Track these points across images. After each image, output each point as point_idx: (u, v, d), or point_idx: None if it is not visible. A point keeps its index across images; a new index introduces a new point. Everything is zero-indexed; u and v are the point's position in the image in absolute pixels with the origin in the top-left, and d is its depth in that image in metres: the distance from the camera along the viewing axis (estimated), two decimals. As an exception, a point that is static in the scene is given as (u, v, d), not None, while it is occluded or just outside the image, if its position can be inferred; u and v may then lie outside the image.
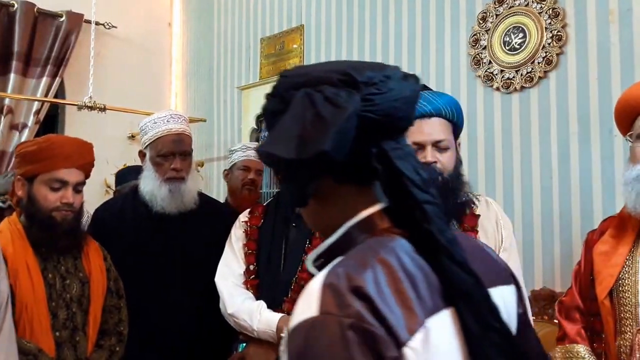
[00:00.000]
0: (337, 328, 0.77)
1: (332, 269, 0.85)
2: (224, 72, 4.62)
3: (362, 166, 0.91)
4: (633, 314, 1.77)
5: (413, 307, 0.82)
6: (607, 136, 2.63)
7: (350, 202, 0.94)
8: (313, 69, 0.96)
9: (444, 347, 0.84)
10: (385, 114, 0.90)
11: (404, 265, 0.85)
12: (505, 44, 2.97)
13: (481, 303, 0.87)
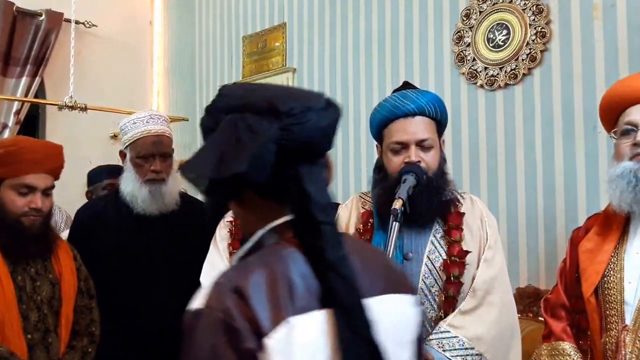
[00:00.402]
0: (211, 320, 0.94)
1: (227, 270, 1.02)
2: (206, 70, 4.58)
3: (279, 185, 1.04)
4: (618, 311, 1.76)
5: (282, 306, 0.95)
6: (592, 133, 2.63)
7: (266, 213, 1.08)
8: (245, 93, 1.09)
9: (309, 341, 0.96)
10: (303, 143, 1.02)
11: (288, 271, 0.99)
12: (489, 41, 2.96)
13: (355, 312, 0.99)
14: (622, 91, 1.91)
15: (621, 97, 1.91)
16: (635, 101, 1.85)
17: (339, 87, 3.62)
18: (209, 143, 1.05)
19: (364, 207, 2.06)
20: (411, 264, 1.89)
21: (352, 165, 3.54)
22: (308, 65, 3.81)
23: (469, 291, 1.86)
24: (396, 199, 1.71)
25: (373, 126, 2.05)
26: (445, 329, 1.80)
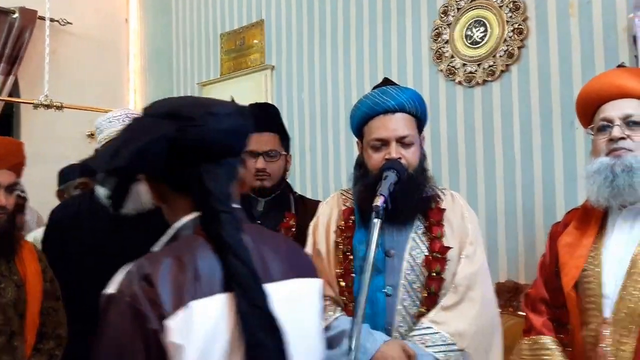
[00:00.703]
0: (120, 303, 1.06)
1: (140, 260, 1.13)
2: (183, 68, 4.55)
3: (186, 181, 1.18)
4: (598, 305, 1.78)
5: (184, 291, 1.07)
6: (569, 129, 2.66)
7: (180, 207, 1.21)
8: (162, 102, 1.25)
9: (209, 322, 1.08)
10: (201, 143, 1.16)
11: (194, 260, 1.11)
12: (467, 37, 2.98)
13: (254, 290, 1.11)
14: (597, 88, 1.94)
15: (596, 94, 1.93)
16: (610, 97, 1.88)
17: (318, 84, 3.62)
18: (111, 141, 1.20)
19: (345, 204, 2.05)
20: (393, 260, 1.89)
21: (331, 162, 3.53)
22: (287, 62, 3.80)
23: (450, 287, 1.86)
24: (377, 196, 1.70)
25: (353, 123, 2.05)
26: (427, 325, 1.80)
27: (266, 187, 2.41)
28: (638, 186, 1.78)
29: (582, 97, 2.01)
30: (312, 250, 2.03)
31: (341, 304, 1.92)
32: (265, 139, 2.41)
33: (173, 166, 1.17)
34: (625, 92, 1.87)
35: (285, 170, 2.49)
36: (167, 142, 1.13)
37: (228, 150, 1.21)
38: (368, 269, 1.54)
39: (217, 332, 1.09)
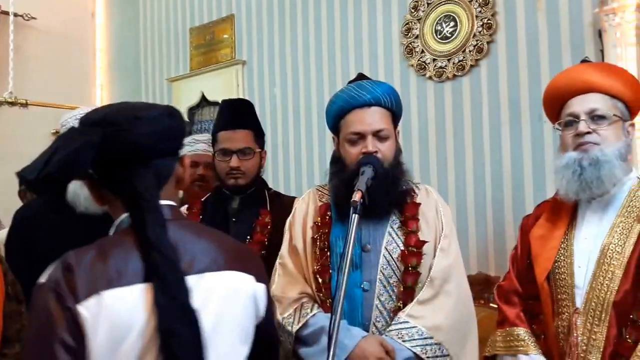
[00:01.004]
0: (45, 288, 1.18)
1: (70, 252, 1.23)
2: (151, 63, 4.49)
3: (116, 183, 1.29)
4: (570, 295, 1.82)
5: (98, 280, 1.18)
6: (537, 122, 2.71)
7: (118, 207, 1.31)
8: (95, 111, 1.35)
9: (123, 310, 1.17)
10: (125, 146, 1.24)
11: (117, 253, 1.22)
12: (437, 32, 3.01)
13: (172, 282, 1.20)
14: (562, 84, 1.98)
15: (562, 89, 1.97)
16: (575, 93, 1.92)
17: (290, 79, 3.61)
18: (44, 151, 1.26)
19: (322, 199, 2.06)
20: (369, 255, 1.91)
21: (304, 158, 3.53)
22: (258, 57, 3.79)
23: (426, 280, 1.88)
24: (355, 191, 1.71)
25: (329, 117, 2.05)
26: (404, 319, 1.82)
27: (240, 185, 2.38)
28: (605, 179, 1.82)
29: (548, 94, 2.05)
30: (288, 247, 2.03)
31: (318, 300, 1.93)
32: (238, 136, 2.38)
33: (106, 170, 1.28)
34: (590, 87, 1.90)
35: (260, 167, 2.47)
36: (93, 148, 1.23)
37: (156, 151, 1.28)
38: (346, 265, 1.55)
39: (132, 321, 1.17)
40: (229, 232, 2.36)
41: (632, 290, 1.72)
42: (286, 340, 1.89)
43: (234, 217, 2.41)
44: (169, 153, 1.32)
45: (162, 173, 1.31)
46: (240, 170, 2.36)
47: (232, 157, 2.35)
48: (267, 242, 2.32)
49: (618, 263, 1.76)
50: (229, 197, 2.43)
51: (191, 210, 2.49)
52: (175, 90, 4.23)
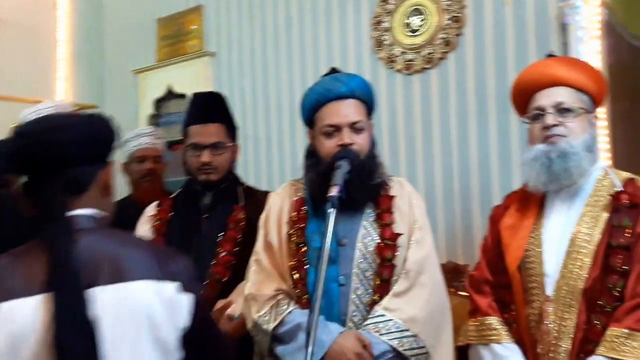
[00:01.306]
0: None
1: None
2: (116, 55, 4.40)
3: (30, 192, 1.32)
4: (540, 283, 1.87)
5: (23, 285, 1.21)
6: (504, 115, 2.75)
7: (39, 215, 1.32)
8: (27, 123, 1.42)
9: (18, 322, 1.19)
10: (35, 157, 1.29)
11: (23, 263, 1.26)
12: (406, 25, 3.03)
13: (72, 294, 1.21)
14: (529, 78, 2.03)
15: (528, 83, 2.02)
16: (542, 87, 1.97)
17: (260, 71, 3.59)
18: None
19: (297, 194, 2.06)
20: (345, 249, 1.92)
21: (275, 151, 3.51)
22: (227, 49, 3.75)
23: (401, 273, 1.90)
24: (332, 186, 1.72)
25: (304, 110, 2.05)
26: (381, 312, 1.84)
27: (212, 181, 2.34)
28: (573, 170, 1.88)
29: (515, 88, 2.10)
30: (263, 242, 2.02)
31: (295, 296, 1.93)
32: (209, 130, 2.34)
33: (27, 180, 1.32)
34: (556, 80, 1.96)
35: (233, 162, 2.43)
36: (7, 158, 1.29)
37: (73, 160, 1.31)
38: (324, 260, 1.56)
39: (28, 332, 1.19)
40: (201, 228, 2.35)
41: (601, 278, 1.79)
42: (262, 340, 1.89)
43: (206, 214, 2.37)
44: (90, 161, 1.34)
45: (79, 181, 1.33)
46: (212, 165, 2.32)
47: (203, 152, 2.31)
48: (240, 238, 2.29)
49: (587, 251, 1.82)
50: (201, 192, 2.38)
51: (161, 207, 2.43)
52: (142, 82, 4.16)
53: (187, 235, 2.35)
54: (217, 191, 2.38)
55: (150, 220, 2.40)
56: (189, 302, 1.34)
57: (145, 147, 3.11)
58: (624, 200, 1.84)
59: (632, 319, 1.69)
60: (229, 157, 2.39)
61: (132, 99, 4.24)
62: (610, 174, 1.95)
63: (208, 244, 2.31)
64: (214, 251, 2.29)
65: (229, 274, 2.26)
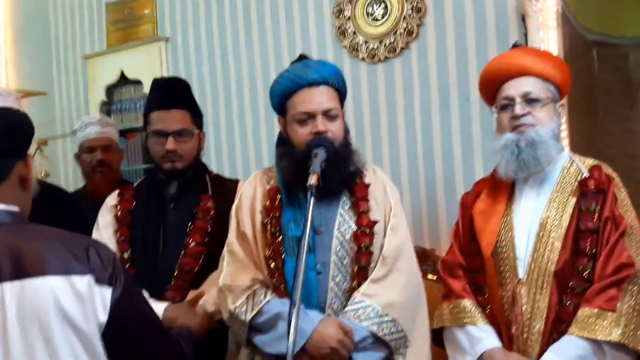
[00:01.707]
0: None
1: None
2: (63, 39, 4.23)
3: None
4: (512, 267, 1.94)
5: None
6: (465, 103, 2.82)
7: None
8: None
9: None
10: None
11: None
12: (369, 14, 3.05)
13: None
14: (497, 68, 2.08)
15: (496, 74, 2.07)
16: (510, 77, 2.03)
17: (219, 57, 3.53)
18: None
19: (269, 183, 2.03)
20: (322, 237, 1.92)
21: (237, 139, 3.46)
22: (182, 34, 3.66)
23: (378, 259, 1.92)
24: (311, 174, 1.71)
25: (275, 97, 2.01)
26: (360, 299, 1.85)
27: (177, 169, 2.27)
28: (542, 158, 1.95)
29: (483, 78, 2.15)
30: (236, 233, 2.00)
31: (271, 286, 1.92)
32: (174, 117, 2.26)
33: None
34: (524, 70, 2.02)
35: (199, 150, 2.36)
36: None
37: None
38: (304, 248, 1.55)
39: None
40: (166, 219, 2.28)
41: (571, 260, 1.87)
42: (239, 330, 1.88)
43: (172, 204, 2.31)
44: (5, 154, 1.33)
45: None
46: (177, 153, 2.24)
47: (167, 139, 2.24)
48: (210, 229, 2.25)
49: (557, 235, 1.90)
50: (166, 181, 2.31)
51: (122, 197, 2.36)
52: (92, 68, 4.02)
53: (153, 225, 2.28)
54: (183, 180, 2.31)
55: (112, 210, 2.33)
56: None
57: (94, 137, 3.00)
58: (591, 186, 1.92)
59: (601, 300, 1.77)
60: (195, 145, 2.32)
61: (83, 86, 4.11)
62: (575, 160, 2.03)
63: (176, 234, 2.25)
64: (182, 242, 2.23)
65: (198, 265, 2.21)
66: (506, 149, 1.98)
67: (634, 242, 1.85)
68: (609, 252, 1.83)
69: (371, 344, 1.85)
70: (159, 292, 2.17)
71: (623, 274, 1.79)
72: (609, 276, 1.80)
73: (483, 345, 1.91)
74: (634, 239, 1.86)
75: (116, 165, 3.08)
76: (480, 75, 2.16)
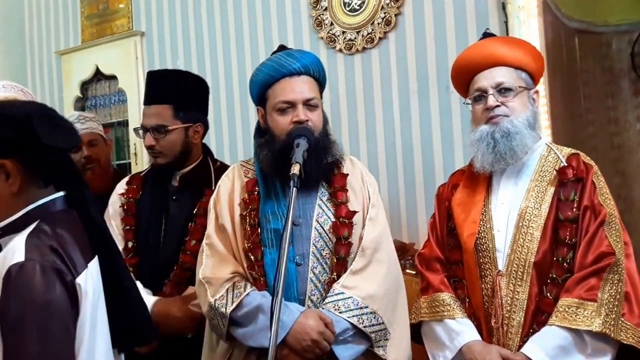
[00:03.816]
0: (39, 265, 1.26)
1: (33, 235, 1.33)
2: (38, 34, 4.16)
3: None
4: (492, 259, 1.90)
5: (82, 256, 1.36)
6: (444, 93, 2.78)
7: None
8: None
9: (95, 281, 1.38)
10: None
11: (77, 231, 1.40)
12: (346, 5, 3.00)
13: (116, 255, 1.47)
14: (469, 60, 2.05)
15: (467, 65, 2.04)
16: (481, 67, 2.00)
17: (194, 52, 3.48)
18: None
19: (247, 175, 2.01)
20: (300, 229, 1.90)
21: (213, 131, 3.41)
22: (158, 28, 3.61)
23: (358, 251, 1.89)
24: (293, 164, 1.69)
25: (255, 87, 1.99)
26: (339, 290, 1.83)
27: (160, 164, 2.24)
28: (518, 149, 1.92)
29: (455, 70, 2.11)
30: (215, 226, 1.97)
31: (251, 279, 1.89)
32: (152, 112, 2.24)
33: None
34: (495, 60, 1.99)
35: (188, 143, 2.27)
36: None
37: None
38: (286, 239, 1.53)
39: (98, 289, 1.39)
40: (169, 212, 2.26)
41: (550, 250, 1.84)
42: (219, 323, 1.84)
43: (174, 196, 2.28)
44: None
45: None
46: (155, 149, 2.21)
47: (146, 134, 2.22)
48: None
49: (536, 225, 1.86)
50: (169, 173, 2.29)
51: (130, 186, 2.35)
52: (66, 64, 3.95)
53: (156, 217, 2.27)
54: (186, 172, 2.29)
55: (120, 200, 2.32)
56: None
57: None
58: (569, 175, 1.89)
59: (582, 289, 1.75)
60: (178, 139, 2.24)
61: (57, 82, 4.03)
62: (553, 149, 2.00)
63: (176, 229, 2.23)
64: (182, 236, 2.21)
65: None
66: (482, 141, 1.95)
67: (613, 230, 1.83)
68: (589, 241, 1.80)
69: (352, 336, 1.82)
70: (157, 284, 2.18)
71: (603, 263, 1.77)
72: (589, 265, 1.78)
73: (462, 338, 1.88)
74: (613, 227, 1.83)
75: (105, 158, 3.00)
76: (452, 68, 2.13)
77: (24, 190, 1.37)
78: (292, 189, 1.61)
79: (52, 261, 1.27)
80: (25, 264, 1.25)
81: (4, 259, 1.29)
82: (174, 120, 2.24)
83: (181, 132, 2.26)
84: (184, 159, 2.29)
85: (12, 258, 1.26)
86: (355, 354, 1.82)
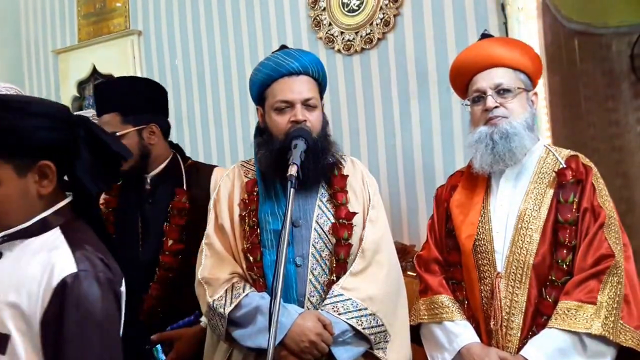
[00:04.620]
0: (92, 277, 1.29)
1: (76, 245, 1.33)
2: (34, 33, 4.14)
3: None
4: (491, 260, 1.89)
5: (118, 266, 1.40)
6: (445, 93, 2.76)
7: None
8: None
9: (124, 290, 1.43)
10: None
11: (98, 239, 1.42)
12: (344, 5, 2.99)
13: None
14: (467, 61, 2.04)
15: (466, 66, 2.03)
16: (480, 69, 1.99)
17: (192, 51, 3.46)
18: None
19: (247, 175, 2.00)
20: (300, 230, 1.89)
21: (212, 131, 3.41)
22: (155, 27, 3.58)
23: (357, 252, 1.88)
24: (291, 165, 1.68)
25: (254, 86, 1.99)
26: (339, 292, 1.81)
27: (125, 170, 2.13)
28: (516, 150, 1.92)
29: (453, 71, 2.11)
30: (214, 226, 1.96)
31: (250, 280, 1.88)
32: (102, 122, 2.22)
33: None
34: (493, 62, 1.98)
35: (145, 145, 2.25)
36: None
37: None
38: (285, 240, 1.52)
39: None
40: (145, 215, 2.27)
41: (550, 252, 1.83)
42: (218, 324, 1.83)
43: (149, 199, 2.28)
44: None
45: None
46: None
47: None
48: (185, 223, 2.22)
49: (535, 227, 1.86)
50: (140, 177, 2.29)
51: (110, 193, 2.35)
52: (63, 63, 3.93)
53: (132, 221, 2.28)
54: (157, 174, 2.30)
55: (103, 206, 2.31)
56: None
57: None
58: (569, 177, 1.88)
59: (581, 292, 1.74)
60: (133, 143, 2.20)
61: (54, 81, 4.01)
62: (552, 151, 1.99)
63: (154, 231, 2.24)
64: (160, 238, 2.22)
65: (177, 262, 2.21)
66: (480, 142, 1.95)
67: (612, 232, 1.82)
68: (589, 244, 1.80)
69: (351, 338, 1.82)
70: (141, 286, 2.18)
71: (603, 266, 1.76)
72: (589, 268, 1.77)
73: (461, 340, 1.88)
74: (612, 229, 1.83)
75: None
76: (451, 69, 2.13)
77: (50, 193, 1.36)
78: (289, 190, 1.60)
79: (104, 272, 1.31)
80: (79, 274, 1.27)
81: (49, 270, 1.28)
82: (124, 125, 2.22)
83: (134, 136, 2.23)
84: (147, 162, 2.27)
85: (63, 269, 1.27)
86: (354, 355, 1.81)
